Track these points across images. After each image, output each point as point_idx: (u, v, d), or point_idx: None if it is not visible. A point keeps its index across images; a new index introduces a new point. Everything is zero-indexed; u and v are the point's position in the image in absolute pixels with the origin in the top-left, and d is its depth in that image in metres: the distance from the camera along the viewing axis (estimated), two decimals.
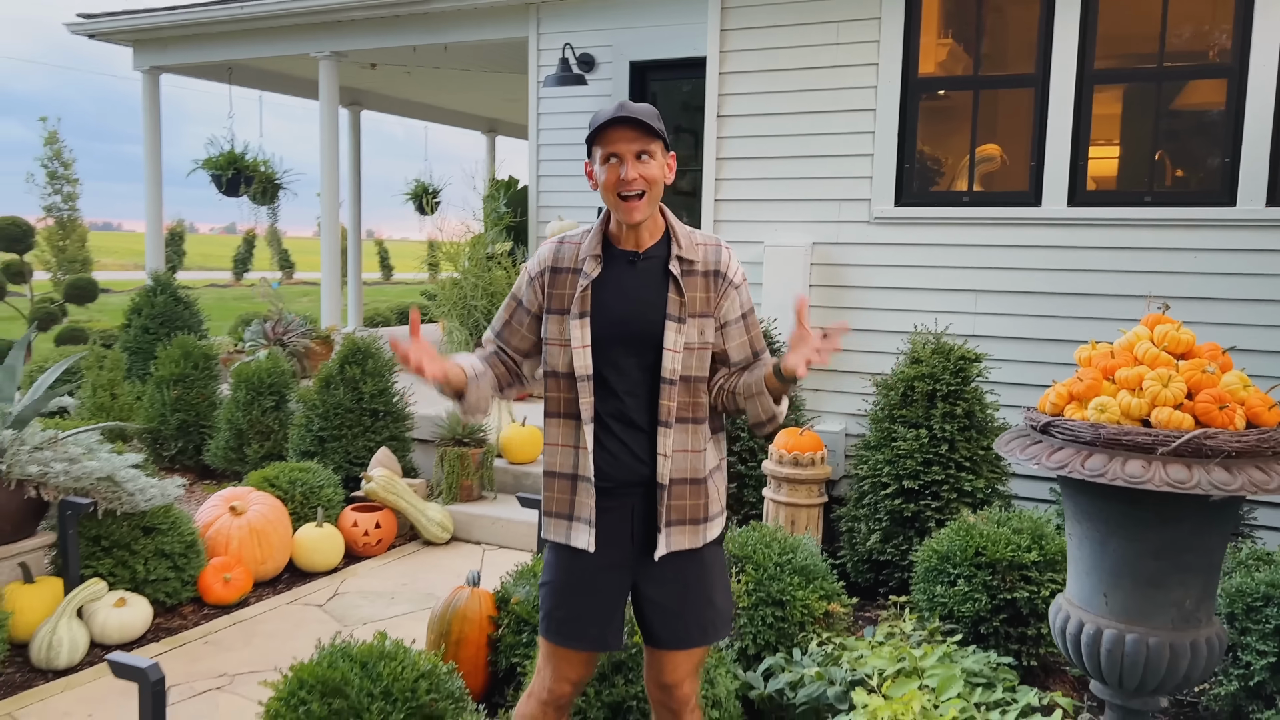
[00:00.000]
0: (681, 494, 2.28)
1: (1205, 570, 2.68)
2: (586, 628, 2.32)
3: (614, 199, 2.20)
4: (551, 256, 2.33)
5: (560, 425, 2.32)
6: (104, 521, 4.24)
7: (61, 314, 9.45)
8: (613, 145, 2.17)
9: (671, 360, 2.23)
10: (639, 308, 2.25)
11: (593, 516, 2.26)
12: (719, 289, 2.29)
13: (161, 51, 9.54)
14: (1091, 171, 4.83)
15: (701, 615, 2.33)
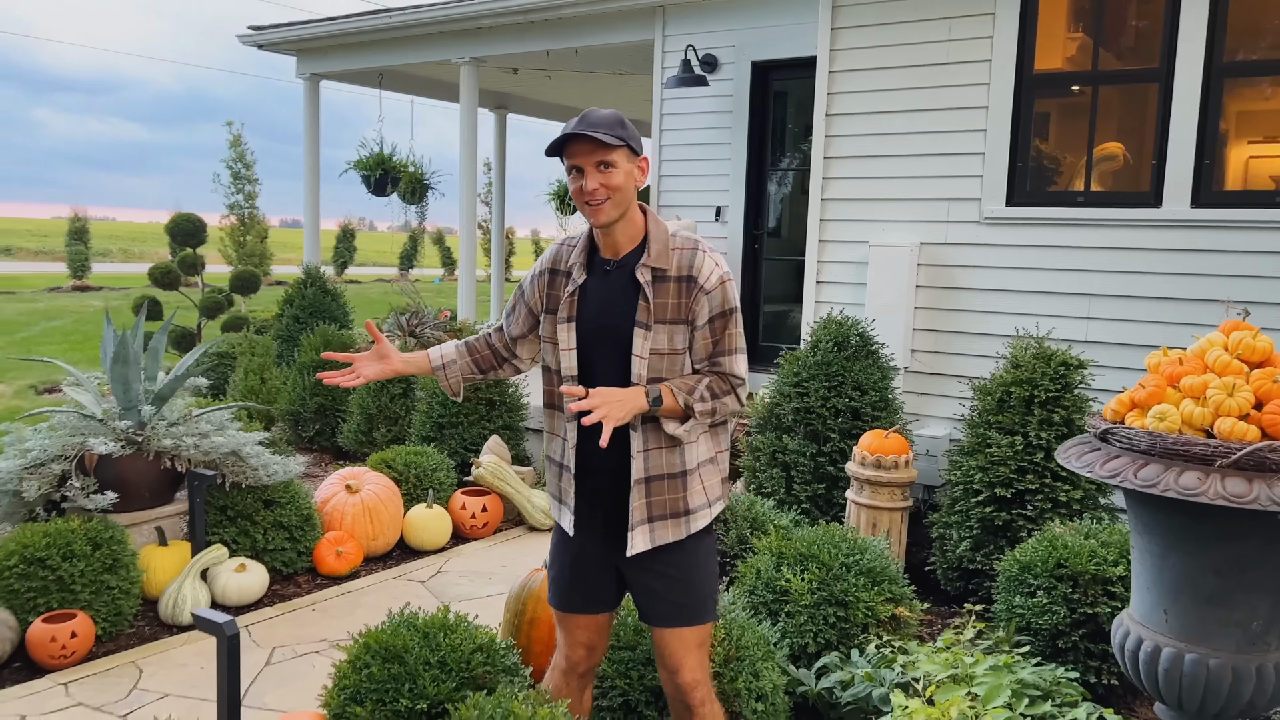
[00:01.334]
0: (660, 489, 2.36)
1: (1274, 591, 2.53)
2: (576, 593, 2.54)
3: (581, 205, 2.30)
4: (552, 259, 2.47)
5: (553, 416, 2.51)
6: (230, 493, 4.62)
7: (228, 303, 10.23)
8: (574, 158, 2.26)
9: (638, 365, 2.30)
10: (611, 315, 2.34)
11: (573, 502, 2.46)
12: (690, 294, 2.30)
13: (321, 60, 10.20)
14: (1217, 171, 4.56)
15: (682, 597, 2.43)
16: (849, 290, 5.58)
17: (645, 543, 2.36)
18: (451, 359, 2.63)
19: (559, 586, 2.59)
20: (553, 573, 2.62)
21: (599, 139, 2.21)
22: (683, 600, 2.43)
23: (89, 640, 3.83)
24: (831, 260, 5.66)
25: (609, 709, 2.92)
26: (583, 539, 2.49)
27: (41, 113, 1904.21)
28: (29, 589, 3.85)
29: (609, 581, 2.54)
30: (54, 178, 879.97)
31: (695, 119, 7.63)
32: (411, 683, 2.84)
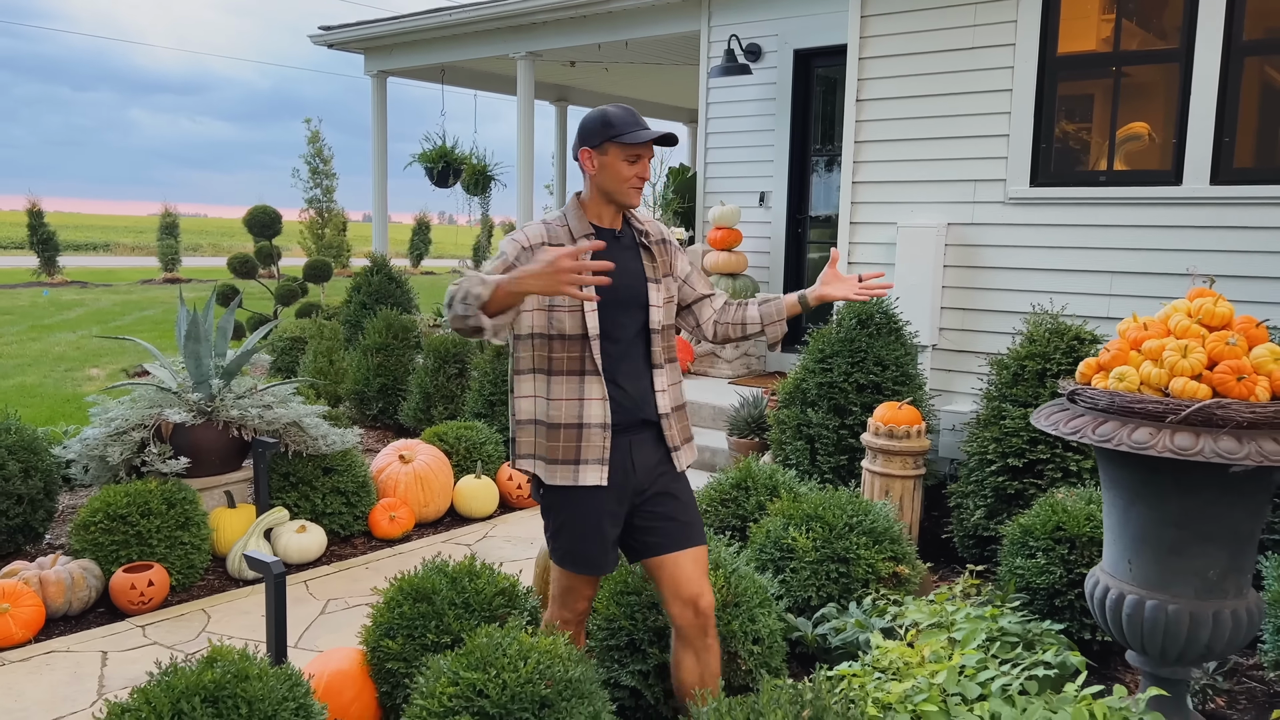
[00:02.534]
0: (680, 418, 2.79)
1: (1230, 542, 2.69)
2: (599, 555, 2.71)
3: (629, 189, 2.64)
4: (546, 234, 2.67)
5: (564, 381, 2.64)
6: (292, 461, 5.01)
7: (302, 291, 10.76)
8: (642, 151, 2.62)
9: (655, 314, 2.71)
10: (628, 275, 2.68)
11: (604, 456, 2.64)
12: (669, 252, 2.81)
13: (387, 57, 10.64)
14: (1237, 148, 4.62)
15: (692, 518, 2.76)
16: (880, 270, 5.74)
17: (683, 462, 2.76)
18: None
19: (596, 551, 2.69)
20: (580, 543, 2.70)
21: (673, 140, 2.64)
22: (690, 519, 2.75)
23: (164, 589, 4.24)
24: (862, 241, 5.84)
25: (616, 647, 3.19)
26: (610, 494, 2.66)
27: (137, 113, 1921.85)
28: (112, 542, 4.28)
29: (622, 531, 2.76)
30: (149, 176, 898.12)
31: (739, 107, 7.83)
32: (438, 620, 3.15)
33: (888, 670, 2.83)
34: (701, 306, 2.89)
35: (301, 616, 4.20)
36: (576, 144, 2.69)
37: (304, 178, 22.48)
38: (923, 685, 2.69)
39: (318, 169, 22.65)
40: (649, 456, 2.71)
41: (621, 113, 2.63)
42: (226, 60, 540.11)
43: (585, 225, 2.68)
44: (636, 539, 2.75)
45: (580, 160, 2.66)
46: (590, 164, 2.64)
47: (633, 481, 2.69)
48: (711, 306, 2.89)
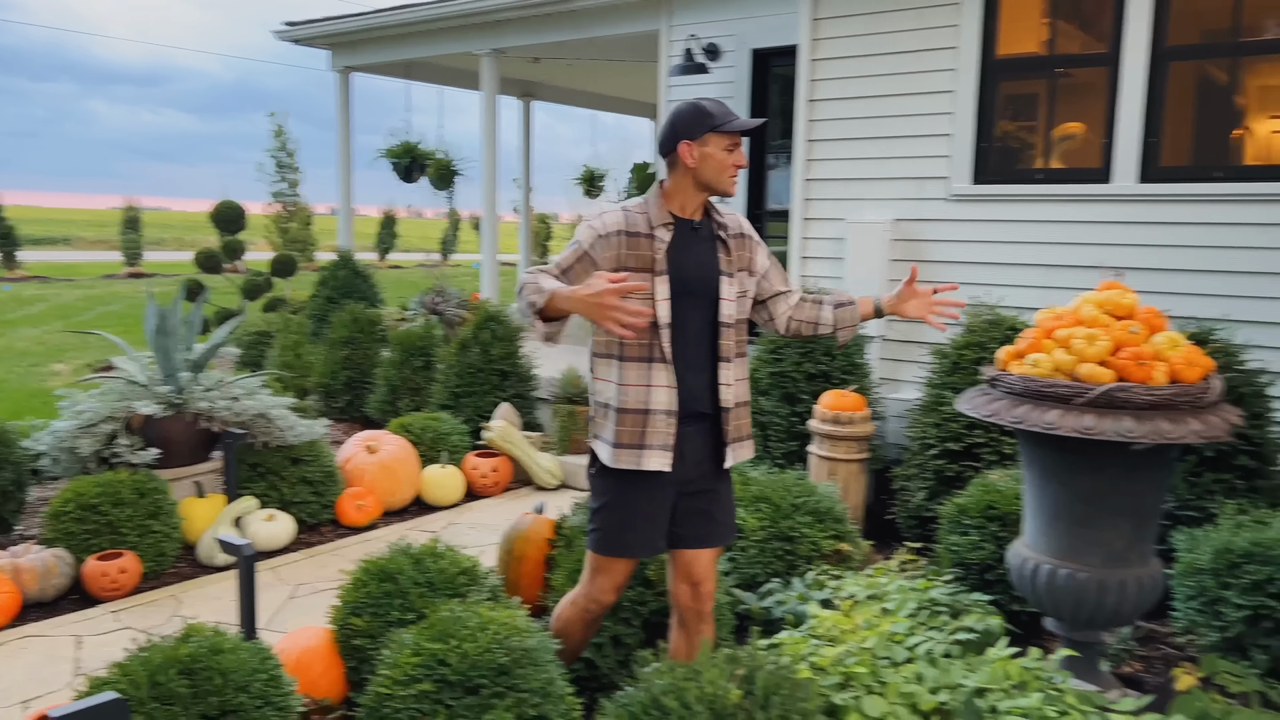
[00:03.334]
0: (740, 414, 2.82)
1: (1133, 515, 2.92)
2: (650, 538, 2.79)
3: (727, 178, 2.71)
4: (625, 221, 2.74)
5: (634, 367, 2.72)
6: (260, 451, 5.15)
7: (267, 286, 10.83)
8: (738, 140, 2.72)
9: (728, 308, 2.76)
10: (702, 267, 2.74)
11: (669, 443, 2.70)
12: (748, 248, 2.86)
13: (352, 53, 10.72)
14: (1163, 147, 4.88)
15: (728, 519, 2.87)
16: (830, 265, 5.97)
17: (737, 457, 2.81)
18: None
19: (632, 537, 2.78)
20: (623, 528, 2.79)
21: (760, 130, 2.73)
22: (726, 519, 2.87)
23: (136, 576, 4.37)
24: (814, 237, 6.05)
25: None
26: (667, 479, 2.74)
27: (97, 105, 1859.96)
28: (84, 531, 4.40)
29: (669, 519, 2.81)
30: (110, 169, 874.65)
31: None
32: (402, 598, 3.32)
33: (823, 637, 3.04)
34: (777, 302, 2.95)
35: (270, 601, 4.35)
36: (669, 139, 2.71)
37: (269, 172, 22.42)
38: (854, 650, 2.90)
39: (282, 163, 22.59)
40: (700, 449, 2.77)
41: (716, 105, 2.72)
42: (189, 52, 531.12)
43: (664, 214, 2.72)
44: (680, 528, 2.82)
45: (679, 153, 2.69)
46: (690, 156, 2.67)
47: (680, 472, 2.75)
48: (787, 302, 2.96)
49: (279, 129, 22.60)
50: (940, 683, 2.77)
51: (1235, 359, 4.13)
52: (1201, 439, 2.70)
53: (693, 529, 2.82)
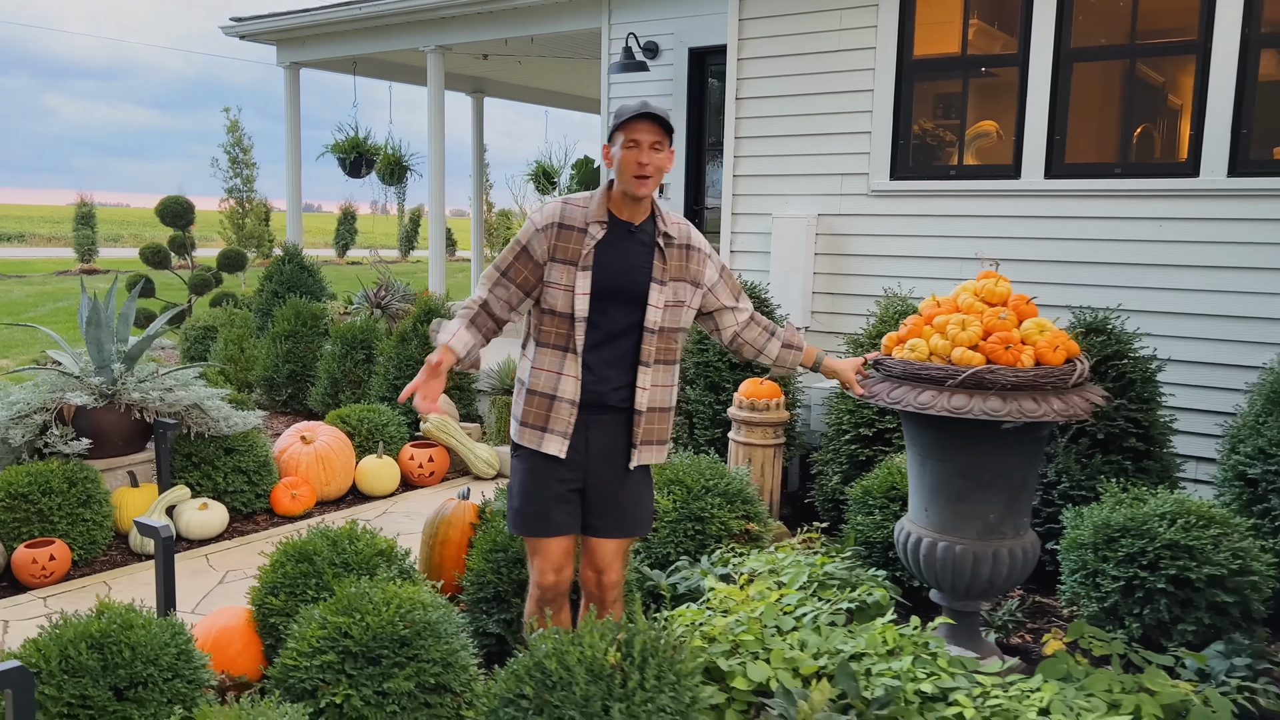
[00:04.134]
0: (655, 419, 2.87)
1: (1006, 490, 3.11)
2: (556, 518, 2.86)
3: (629, 178, 2.70)
4: (561, 214, 2.82)
5: (549, 354, 2.81)
6: (194, 441, 5.23)
7: (216, 281, 10.84)
8: (636, 134, 2.68)
9: (653, 315, 2.79)
10: (631, 270, 2.77)
11: (567, 430, 2.80)
12: (695, 259, 2.88)
13: (300, 49, 10.75)
14: (1068, 144, 5.09)
15: (637, 513, 2.93)
16: (759, 258, 6.14)
17: (642, 459, 2.86)
18: (472, 344, 2.87)
19: (538, 514, 2.86)
20: (528, 505, 2.88)
21: (664, 123, 2.71)
22: (633, 513, 2.91)
23: (66, 563, 4.44)
24: (743, 231, 6.22)
25: (484, 599, 3.52)
26: (564, 466, 2.83)
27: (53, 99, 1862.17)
28: (14, 519, 4.47)
29: (578, 505, 2.89)
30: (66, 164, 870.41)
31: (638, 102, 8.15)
32: (318, 578, 3.43)
33: (718, 609, 3.20)
34: (724, 315, 3.00)
35: (200, 586, 4.44)
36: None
37: (223, 167, 22.27)
38: (744, 619, 3.06)
39: (237, 158, 22.45)
40: (608, 443, 2.84)
41: (631, 103, 2.77)
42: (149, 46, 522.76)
43: (602, 212, 2.77)
44: (586, 515, 2.91)
45: (603, 156, 2.79)
46: (608, 160, 2.76)
47: (582, 461, 2.84)
48: (735, 319, 3.01)
49: (234, 123, 22.45)
50: (822, 649, 2.94)
51: (1128, 346, 4.33)
52: (1062, 417, 2.88)
53: (598, 518, 2.90)
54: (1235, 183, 4.62)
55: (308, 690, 2.79)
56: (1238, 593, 3.41)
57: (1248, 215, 4.62)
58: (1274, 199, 4.56)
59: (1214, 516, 3.53)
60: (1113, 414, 4.21)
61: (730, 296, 3.00)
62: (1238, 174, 4.64)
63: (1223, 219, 4.67)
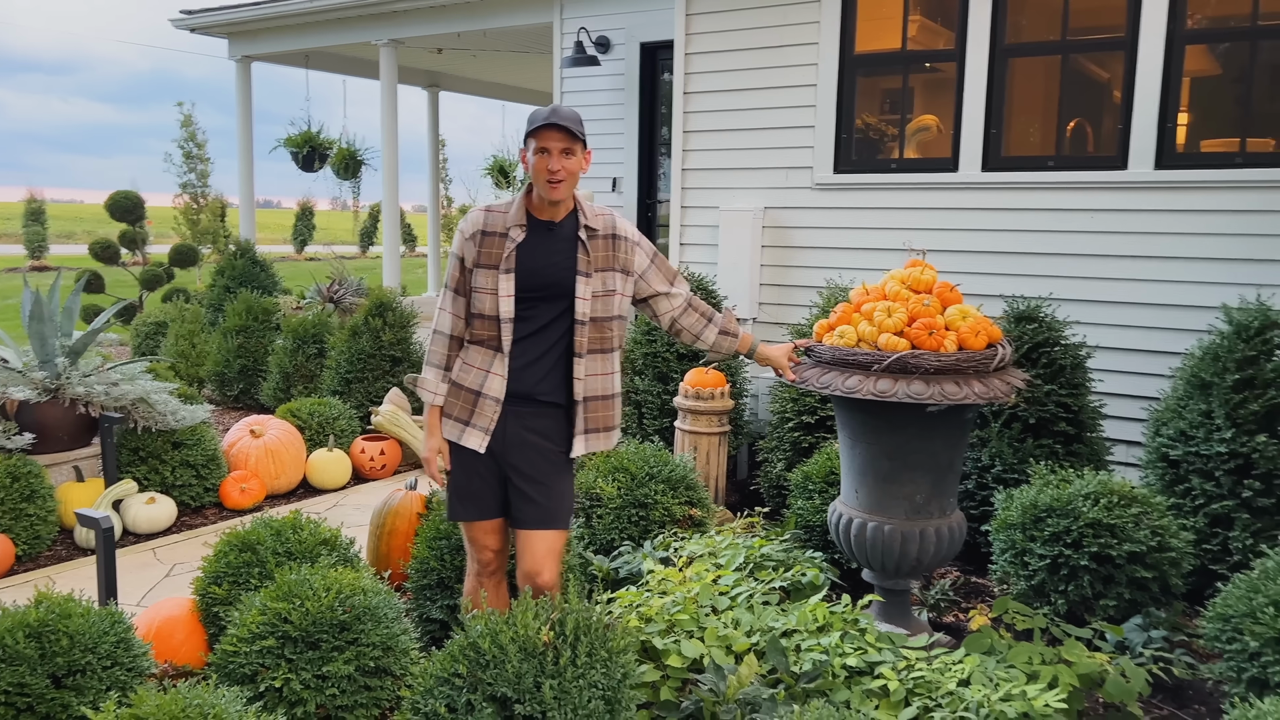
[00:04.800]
0: (596, 407, 2.94)
1: (933, 471, 3.21)
2: (482, 503, 2.97)
3: (542, 183, 2.79)
4: (484, 222, 2.92)
5: (480, 352, 2.91)
6: (141, 436, 5.21)
7: (168, 276, 10.74)
8: (544, 142, 2.77)
9: (582, 306, 2.87)
10: (554, 267, 2.86)
11: (490, 425, 2.88)
12: (622, 248, 2.94)
13: (250, 42, 10.68)
14: (1004, 137, 5.22)
15: (556, 507, 2.95)
16: (708, 251, 6.23)
17: (589, 447, 2.93)
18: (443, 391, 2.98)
19: (467, 500, 2.97)
20: (455, 492, 2.98)
21: (571, 130, 2.78)
22: (553, 505, 2.94)
23: (8, 559, 4.42)
24: (692, 224, 6.30)
25: (428, 585, 3.56)
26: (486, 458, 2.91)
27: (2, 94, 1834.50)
28: None
29: (502, 491, 2.96)
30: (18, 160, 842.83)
31: (592, 96, 8.21)
32: (261, 567, 3.46)
33: (656, 590, 3.28)
34: (657, 301, 3.08)
35: (147, 579, 4.44)
36: None
37: (177, 162, 21.98)
38: (680, 599, 3.14)
39: (191, 153, 22.16)
40: (534, 435, 2.90)
41: (541, 110, 2.83)
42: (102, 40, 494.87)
43: (520, 216, 2.87)
44: (510, 507, 2.98)
45: (522, 161, 2.89)
46: (525, 165, 2.85)
47: (506, 453, 2.90)
48: (669, 304, 3.08)
49: (187, 118, 22.17)
50: (755, 627, 3.03)
51: (1058, 334, 4.47)
52: (983, 400, 2.99)
53: (517, 510, 2.95)
54: (1161, 175, 4.78)
55: (247, 675, 2.83)
56: (1157, 568, 3.55)
57: (1173, 206, 4.77)
58: (1198, 191, 4.72)
59: (1135, 496, 3.66)
60: (1044, 399, 4.35)
61: (663, 282, 3.07)
62: (1164, 166, 4.78)
63: (1149, 210, 4.82)
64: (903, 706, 2.70)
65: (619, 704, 2.50)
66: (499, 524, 3.04)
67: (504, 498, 2.99)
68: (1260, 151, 4.66)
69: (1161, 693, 3.30)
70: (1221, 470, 3.92)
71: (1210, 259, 4.71)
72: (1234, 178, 4.63)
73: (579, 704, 2.41)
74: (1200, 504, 3.97)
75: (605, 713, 2.44)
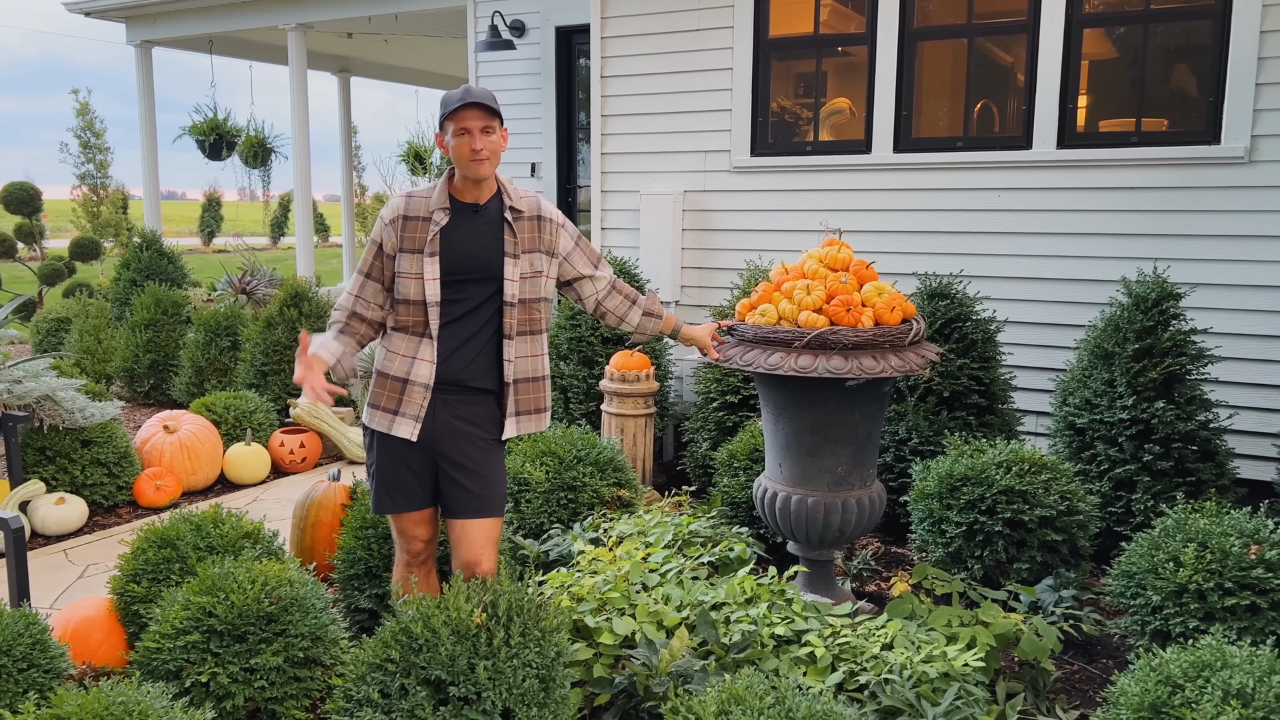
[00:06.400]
0: (527, 389, 2.93)
1: (853, 443, 3.30)
2: (412, 494, 2.92)
3: (466, 163, 2.77)
4: (405, 208, 2.87)
5: (405, 339, 2.87)
6: (48, 435, 5.03)
7: (69, 271, 10.34)
8: (464, 122, 2.74)
9: (511, 288, 2.85)
10: (481, 249, 2.83)
11: (420, 413, 2.83)
12: (548, 230, 2.94)
13: (150, 26, 10.31)
14: (915, 119, 5.36)
15: (489, 492, 2.91)
16: (629, 235, 6.25)
17: (520, 429, 2.92)
18: (340, 352, 2.92)
19: (395, 493, 2.91)
20: (383, 485, 2.93)
21: (489, 107, 2.75)
22: (487, 493, 2.90)
23: None
24: (613, 209, 6.32)
25: (356, 575, 3.53)
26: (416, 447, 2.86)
27: None
28: None
29: (431, 481, 2.91)
30: None
31: (508, 80, 8.14)
32: (182, 562, 3.39)
33: (586, 570, 3.30)
34: (581, 284, 3.07)
35: (59, 581, 4.30)
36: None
37: (74, 153, 21.14)
38: (610, 578, 3.17)
39: (89, 143, 21.33)
40: (464, 421, 2.87)
41: (454, 92, 2.79)
42: None
43: (443, 199, 2.83)
44: (442, 498, 2.94)
45: (439, 146, 2.84)
46: (443, 147, 2.82)
47: (436, 441, 2.86)
48: (594, 286, 3.07)
49: (84, 106, 21.32)
50: (685, 601, 3.08)
51: (970, 309, 4.62)
52: (900, 373, 3.08)
53: (456, 501, 2.90)
54: (1063, 154, 4.96)
55: (171, 671, 2.77)
56: (1066, 531, 3.70)
57: (1075, 184, 4.96)
58: (1097, 169, 4.91)
59: (1044, 463, 3.81)
60: (957, 373, 4.49)
61: (587, 265, 3.08)
62: (1065, 146, 4.97)
63: (1053, 188, 5.01)
64: (829, 672, 2.78)
65: (553, 682, 2.52)
66: (429, 513, 3.01)
67: (434, 488, 2.95)
68: (1154, 131, 4.87)
69: (1072, 649, 3.46)
70: (1124, 436, 4.11)
71: (1110, 234, 4.91)
72: (1131, 156, 4.84)
73: (513, 684, 2.42)
74: (1105, 469, 4.16)
75: (540, 691, 2.46)
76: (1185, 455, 4.06)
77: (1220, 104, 4.66)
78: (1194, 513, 3.26)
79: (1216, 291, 4.68)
